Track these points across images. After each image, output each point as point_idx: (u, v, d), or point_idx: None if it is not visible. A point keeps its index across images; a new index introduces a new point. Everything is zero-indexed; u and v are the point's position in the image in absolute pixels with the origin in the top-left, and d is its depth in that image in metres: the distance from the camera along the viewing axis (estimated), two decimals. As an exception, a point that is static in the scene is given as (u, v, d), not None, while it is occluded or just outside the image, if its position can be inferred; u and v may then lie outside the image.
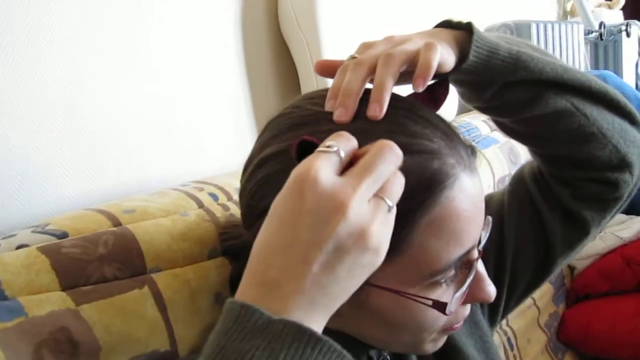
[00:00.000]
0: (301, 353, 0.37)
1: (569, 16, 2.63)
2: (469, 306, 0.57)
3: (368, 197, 0.40)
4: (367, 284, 0.48)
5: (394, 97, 0.52)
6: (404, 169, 0.46)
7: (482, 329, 0.73)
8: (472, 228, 0.51)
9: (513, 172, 1.39)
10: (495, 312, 0.75)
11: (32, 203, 0.74)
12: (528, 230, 0.70)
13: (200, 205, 0.72)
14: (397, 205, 0.44)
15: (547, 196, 0.69)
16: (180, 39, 0.93)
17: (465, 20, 0.60)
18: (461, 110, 1.63)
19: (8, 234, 0.61)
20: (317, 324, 0.40)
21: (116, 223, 0.65)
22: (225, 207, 0.73)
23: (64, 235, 0.61)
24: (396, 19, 1.27)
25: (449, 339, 0.64)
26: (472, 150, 0.54)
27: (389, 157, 0.42)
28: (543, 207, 0.69)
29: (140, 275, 0.61)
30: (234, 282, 0.67)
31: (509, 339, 1.21)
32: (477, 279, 0.54)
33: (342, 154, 0.41)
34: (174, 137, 0.92)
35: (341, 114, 0.48)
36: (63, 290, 0.55)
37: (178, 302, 0.62)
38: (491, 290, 0.54)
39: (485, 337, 0.73)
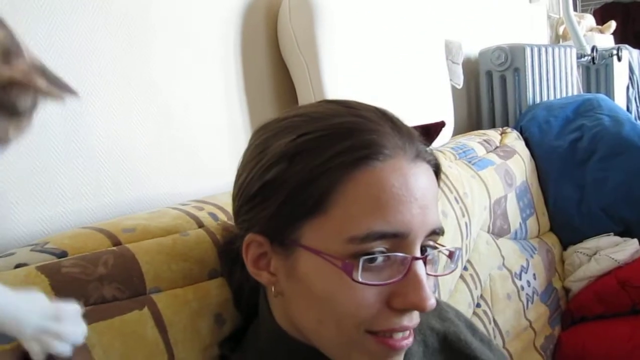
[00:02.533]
0: None
1: (561, 40, 2.67)
2: (409, 316, 0.53)
3: None
4: (297, 243, 0.52)
5: (374, 106, 0.57)
6: (343, 131, 0.52)
7: None
8: (403, 209, 0.51)
9: (509, 194, 1.41)
10: None
11: (29, 220, 0.73)
12: None
13: (200, 224, 0.72)
14: (325, 162, 0.51)
15: None
16: (179, 59, 0.93)
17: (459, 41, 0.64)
18: (457, 132, 1.64)
19: (6, 252, 0.60)
20: None
21: (116, 242, 0.64)
22: (224, 227, 0.72)
23: (63, 254, 0.60)
24: (396, 40, 1.29)
25: None
26: (427, 156, 0.56)
27: None
28: None
29: (140, 296, 0.60)
30: (237, 299, 0.66)
31: (505, 362, 1.20)
32: (412, 280, 0.51)
33: None
34: (172, 156, 0.92)
35: None
36: (62, 310, 0.54)
37: (178, 324, 0.61)
38: (426, 296, 0.51)
39: None
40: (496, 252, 1.29)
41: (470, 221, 1.19)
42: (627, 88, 2.65)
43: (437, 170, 0.58)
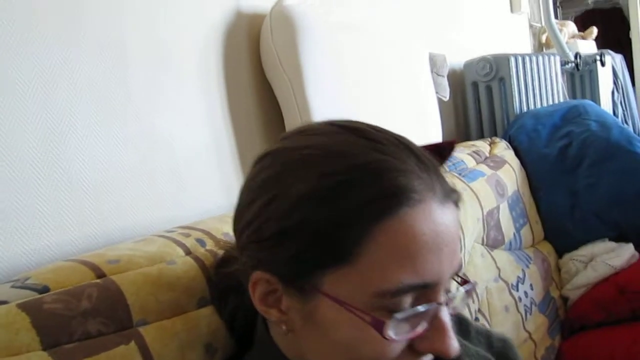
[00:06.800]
0: None
1: (544, 48, 2.69)
2: (428, 357, 0.53)
3: None
4: (318, 290, 0.49)
5: (389, 133, 0.53)
6: (369, 174, 0.48)
7: None
8: (433, 259, 0.49)
9: (501, 204, 1.40)
10: None
11: (11, 255, 0.71)
12: None
13: (187, 252, 0.70)
14: (353, 210, 0.47)
15: None
16: (160, 84, 0.92)
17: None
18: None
19: (-15, 290, 0.58)
20: None
21: (100, 274, 0.62)
22: (213, 254, 0.71)
23: (45, 290, 0.58)
24: (380, 56, 1.28)
25: None
26: (454, 195, 0.53)
27: None
28: None
29: (126, 330, 0.58)
30: (230, 326, 0.64)
31: (507, 376, 1.18)
32: (438, 327, 0.50)
33: None
34: (157, 182, 0.90)
35: None
36: (44, 349, 0.52)
37: (167, 356, 0.59)
38: (452, 344, 0.50)
39: None
40: (491, 264, 1.28)
41: (464, 234, 1.18)
42: (612, 92, 2.66)
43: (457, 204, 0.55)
